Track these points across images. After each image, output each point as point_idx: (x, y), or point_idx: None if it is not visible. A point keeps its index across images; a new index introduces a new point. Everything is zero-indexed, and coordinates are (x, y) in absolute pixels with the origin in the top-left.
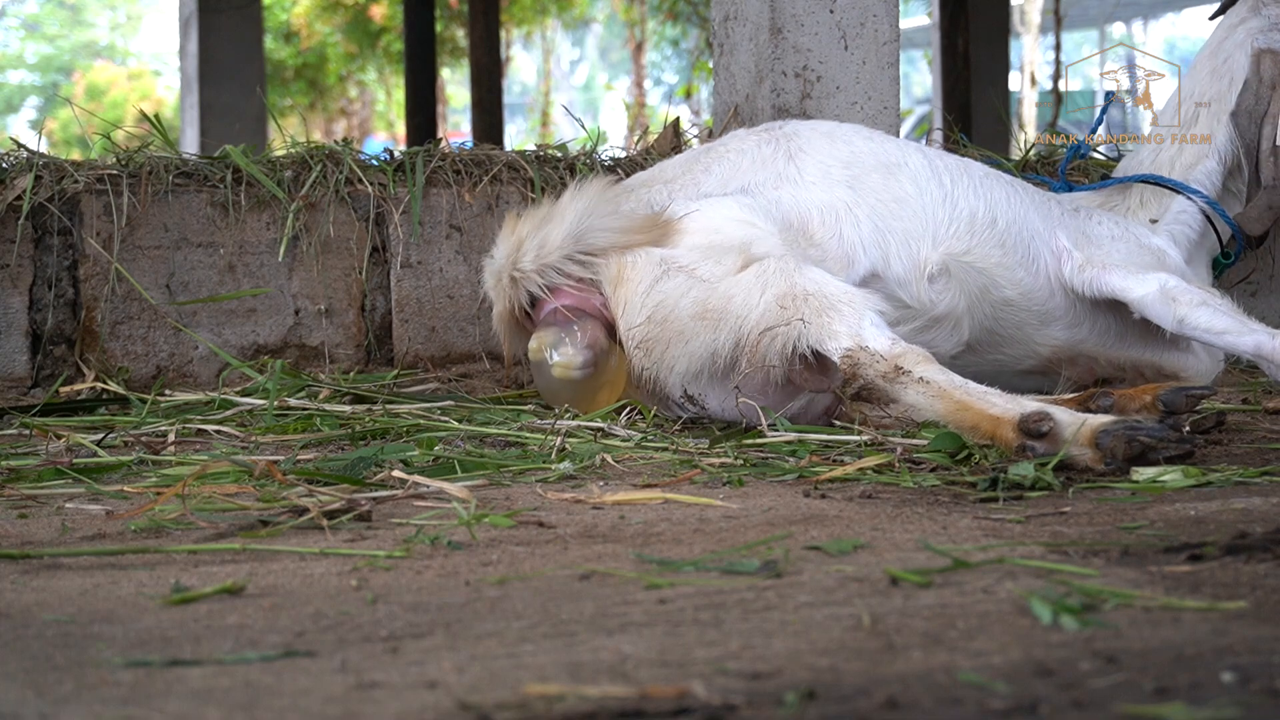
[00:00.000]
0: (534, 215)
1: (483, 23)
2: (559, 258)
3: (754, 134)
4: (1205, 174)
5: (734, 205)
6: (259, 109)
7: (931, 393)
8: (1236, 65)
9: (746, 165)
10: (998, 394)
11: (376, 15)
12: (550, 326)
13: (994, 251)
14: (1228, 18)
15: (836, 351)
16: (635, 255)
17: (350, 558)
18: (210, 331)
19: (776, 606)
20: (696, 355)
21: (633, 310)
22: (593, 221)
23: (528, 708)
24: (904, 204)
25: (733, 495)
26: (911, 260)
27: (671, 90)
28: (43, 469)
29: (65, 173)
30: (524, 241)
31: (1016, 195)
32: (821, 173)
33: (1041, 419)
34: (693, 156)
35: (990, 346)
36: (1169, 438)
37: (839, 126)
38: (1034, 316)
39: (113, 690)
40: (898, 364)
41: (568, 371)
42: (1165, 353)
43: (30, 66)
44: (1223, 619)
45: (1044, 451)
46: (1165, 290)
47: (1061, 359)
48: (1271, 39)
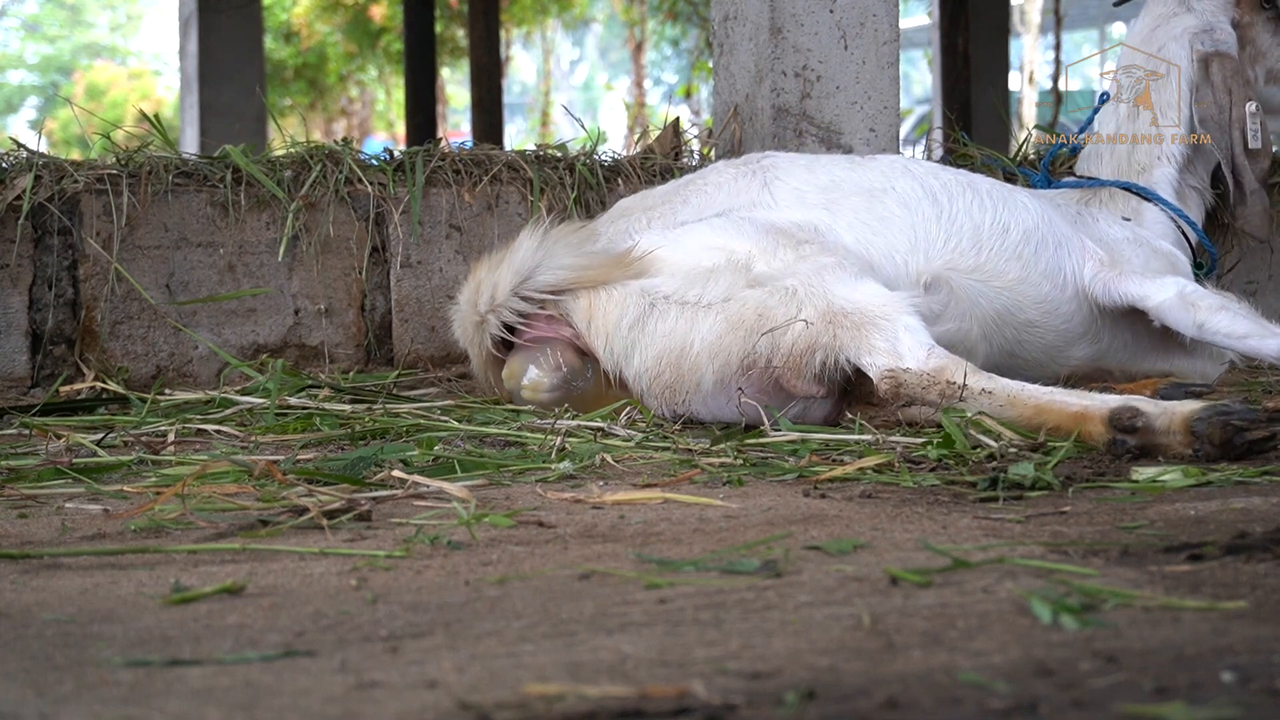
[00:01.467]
0: (491, 259)
1: (483, 23)
2: (508, 297)
3: (733, 165)
4: (1164, 178)
5: (705, 229)
6: (259, 109)
7: (998, 402)
8: (1172, 56)
9: (723, 196)
10: (1063, 391)
11: (376, 15)
12: (520, 353)
13: (1011, 265)
14: (1155, 6)
15: (875, 369)
16: (609, 291)
17: (350, 557)
18: (210, 331)
19: (776, 606)
20: (719, 381)
21: (619, 345)
22: (542, 259)
23: (528, 707)
24: (888, 223)
25: (733, 495)
26: (899, 270)
27: (671, 90)
28: (42, 469)
29: (65, 173)
30: (480, 284)
31: (1036, 205)
32: (796, 198)
33: (1134, 414)
34: (674, 188)
35: (1010, 371)
36: (1259, 418)
37: (819, 158)
38: (1060, 337)
39: (113, 690)
40: (947, 378)
41: (536, 394)
42: (1178, 360)
43: (30, 66)
44: (1223, 619)
45: (1135, 445)
46: (1184, 295)
47: (1081, 376)
48: (1217, 41)
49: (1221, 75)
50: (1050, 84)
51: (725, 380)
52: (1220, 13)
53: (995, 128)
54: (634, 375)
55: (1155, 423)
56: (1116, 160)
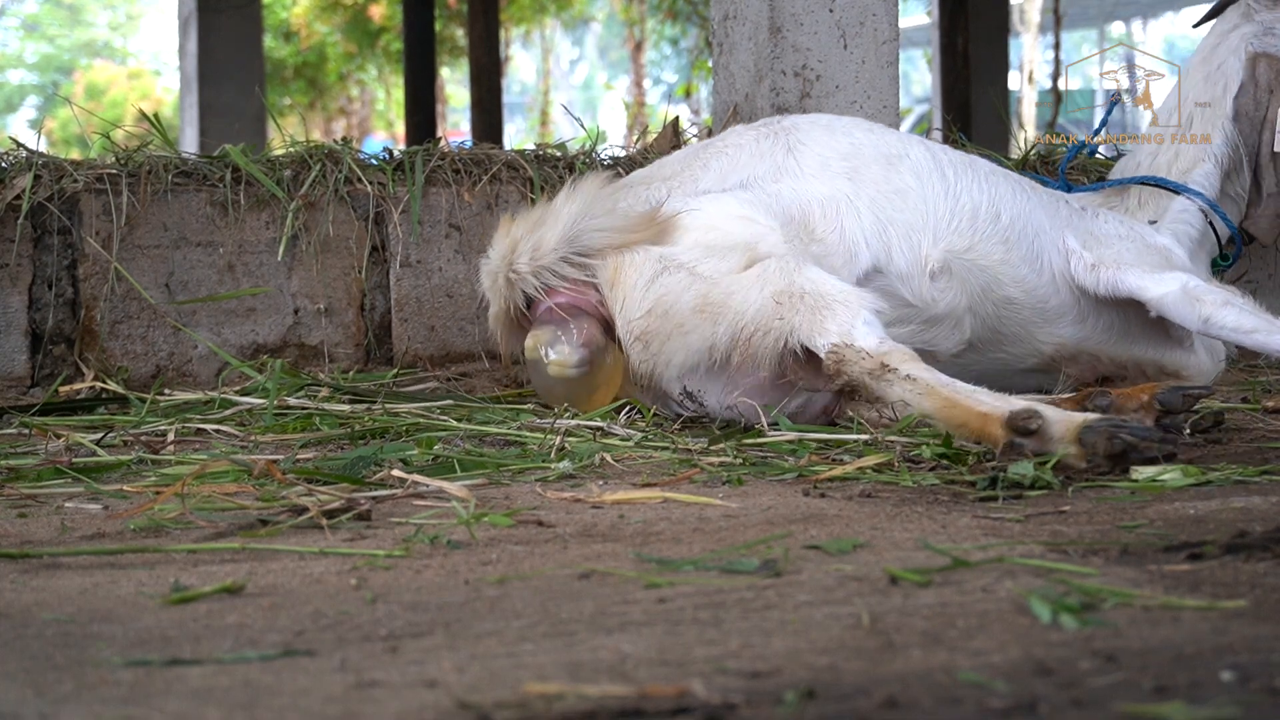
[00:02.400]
0: (529, 217)
1: (482, 22)
2: (554, 260)
3: (752, 129)
4: (1203, 176)
5: (733, 201)
6: (258, 108)
7: (919, 390)
8: (1230, 70)
9: (745, 160)
10: (985, 392)
11: (376, 14)
12: (546, 325)
13: (997, 249)
14: (1220, 23)
15: (824, 348)
16: (633, 254)
17: (350, 557)
18: (210, 331)
19: (776, 605)
20: (694, 349)
21: (631, 306)
22: (588, 223)
23: (527, 707)
24: (905, 196)
25: (732, 494)
26: (913, 255)
27: (671, 89)
28: (42, 468)
29: (65, 172)
30: (519, 243)
31: (1023, 193)
32: (820, 164)
33: (1030, 416)
34: (691, 153)
35: (993, 345)
36: (1152, 437)
37: (838, 119)
38: (1038, 315)
39: (112, 690)
40: (883, 362)
41: (563, 370)
42: (1168, 351)
43: (30, 66)
44: (1222, 618)
45: (1033, 449)
46: (1188, 290)
47: (1065, 357)
48: (1266, 43)
49: (1267, 75)
50: (1050, 83)
51: (694, 366)
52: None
53: (995, 127)
54: (625, 325)
55: (1053, 429)
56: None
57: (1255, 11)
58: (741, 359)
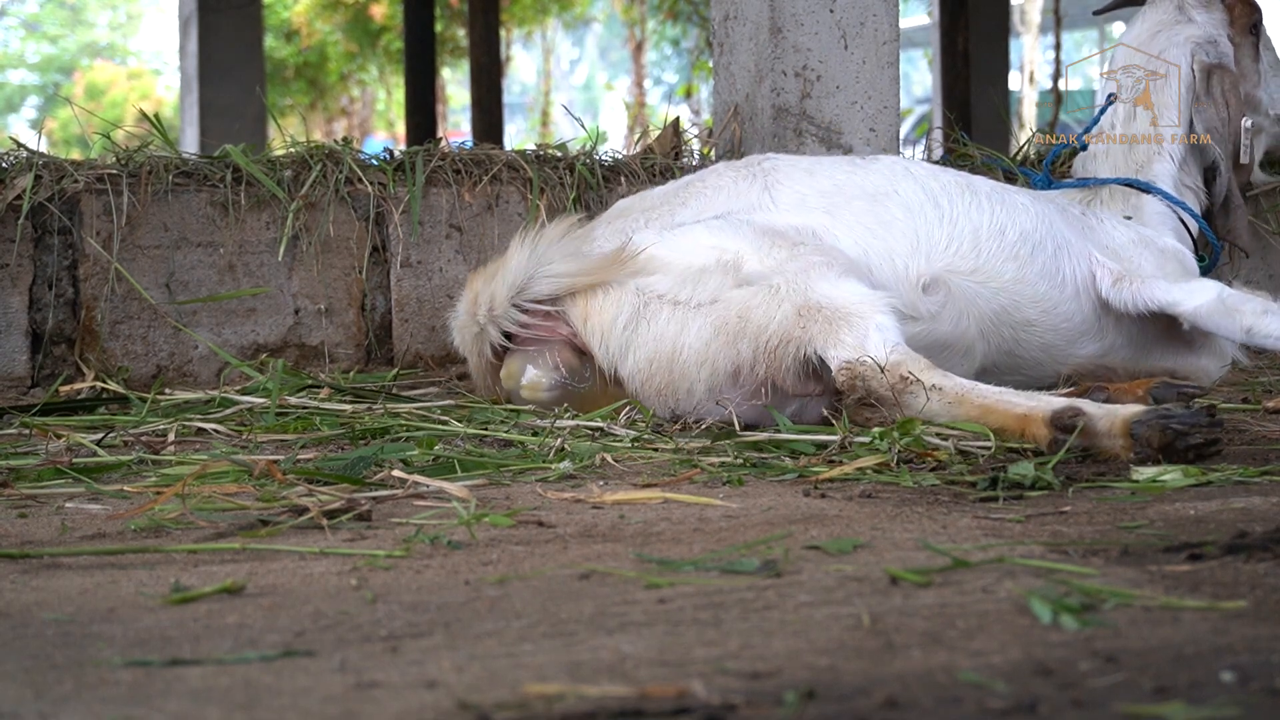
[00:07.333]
0: (487, 269)
1: (482, 22)
2: (506, 309)
3: (734, 168)
4: (1163, 173)
5: (702, 230)
6: (259, 108)
7: (948, 399)
8: (1173, 59)
9: (722, 199)
10: (1011, 392)
11: (376, 14)
12: (517, 354)
13: (1007, 266)
14: (1154, 13)
15: (835, 361)
16: (604, 289)
17: (350, 557)
18: (210, 331)
19: (776, 606)
20: (721, 372)
21: (614, 344)
22: (539, 269)
23: (527, 707)
24: (890, 227)
25: (732, 495)
26: (896, 271)
27: (671, 90)
28: (42, 468)
29: (65, 172)
30: (479, 295)
31: (1036, 208)
32: (798, 201)
33: (1075, 414)
34: (674, 189)
35: (1010, 370)
36: (1200, 422)
37: (821, 161)
38: (1060, 336)
39: (113, 690)
40: (901, 374)
41: (535, 393)
42: (1181, 357)
43: (30, 66)
44: (1222, 618)
45: (1078, 445)
46: (1224, 301)
47: (1084, 374)
48: (1220, 54)
49: (1221, 89)
50: (1050, 83)
51: (716, 387)
52: (1219, 28)
53: (995, 127)
54: (628, 376)
55: (1097, 424)
56: (1113, 160)
57: (1191, 9)
58: (767, 371)
